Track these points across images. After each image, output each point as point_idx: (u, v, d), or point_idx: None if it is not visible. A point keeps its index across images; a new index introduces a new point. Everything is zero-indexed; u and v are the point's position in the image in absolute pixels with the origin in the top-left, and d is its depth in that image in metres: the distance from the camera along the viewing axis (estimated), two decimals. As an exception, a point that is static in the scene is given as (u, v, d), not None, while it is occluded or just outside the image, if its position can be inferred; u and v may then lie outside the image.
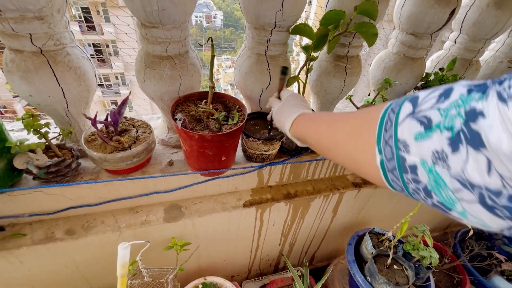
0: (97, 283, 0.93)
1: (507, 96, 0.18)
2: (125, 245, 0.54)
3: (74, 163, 0.71)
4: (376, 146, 0.30)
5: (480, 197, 0.21)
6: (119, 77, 14.06)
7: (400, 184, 0.28)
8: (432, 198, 0.25)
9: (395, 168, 0.28)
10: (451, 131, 0.22)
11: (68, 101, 0.68)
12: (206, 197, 0.92)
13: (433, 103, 0.24)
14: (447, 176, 0.23)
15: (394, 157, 0.27)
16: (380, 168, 0.30)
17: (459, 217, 0.25)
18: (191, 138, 0.66)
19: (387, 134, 0.28)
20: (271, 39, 0.74)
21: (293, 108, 0.56)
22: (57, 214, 0.77)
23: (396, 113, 0.28)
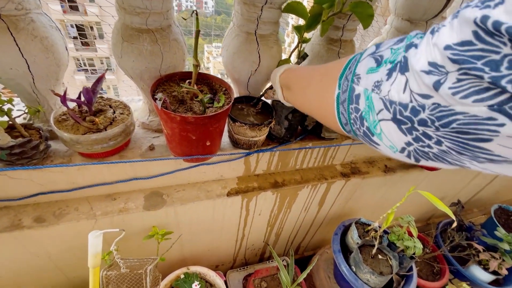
0: (73, 273, 0.88)
1: (436, 29, 0.22)
2: (96, 233, 0.49)
3: (42, 145, 0.64)
4: (338, 81, 0.33)
5: (393, 112, 0.25)
6: (104, 61, 13.51)
7: (346, 116, 0.32)
8: (363, 126, 0.29)
9: (345, 100, 0.31)
10: (392, 64, 0.26)
11: (35, 76, 0.61)
12: (190, 184, 0.88)
13: (390, 45, 0.28)
14: (376, 99, 0.26)
15: (347, 89, 0.31)
16: (335, 100, 0.33)
17: (377, 142, 0.29)
18: (173, 120, 0.61)
19: (349, 70, 0.32)
20: (262, 16, 0.69)
21: (285, 66, 0.64)
22: (25, 200, 0.71)
23: (361, 54, 0.32)
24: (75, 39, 11.64)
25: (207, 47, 21.59)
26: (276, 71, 0.63)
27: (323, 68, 0.42)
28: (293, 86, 0.53)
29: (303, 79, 0.47)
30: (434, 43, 0.21)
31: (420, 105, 0.22)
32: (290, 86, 0.55)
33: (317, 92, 0.40)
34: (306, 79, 0.46)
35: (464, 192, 1.66)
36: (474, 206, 1.92)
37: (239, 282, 1.18)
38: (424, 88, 0.22)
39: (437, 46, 0.20)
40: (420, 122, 0.23)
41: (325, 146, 0.96)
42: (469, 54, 0.18)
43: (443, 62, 0.20)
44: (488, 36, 0.17)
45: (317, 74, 0.42)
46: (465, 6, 0.19)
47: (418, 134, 0.24)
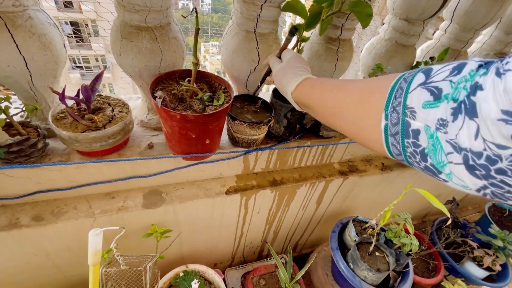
0: (71, 271, 0.88)
1: (502, 71, 0.20)
2: (96, 231, 0.49)
3: (40, 143, 0.64)
4: (383, 112, 0.31)
5: (464, 158, 0.24)
6: (99, 59, 13.36)
7: (399, 148, 0.31)
8: (427, 162, 0.28)
9: (398, 133, 0.30)
10: (456, 102, 0.24)
11: (32, 73, 0.61)
12: (189, 182, 0.88)
13: (446, 75, 0.26)
14: (444, 141, 0.25)
15: (399, 122, 0.29)
16: (383, 132, 0.32)
17: (445, 179, 0.28)
18: (172, 118, 0.61)
19: (396, 101, 0.30)
20: (261, 14, 0.69)
21: (298, 70, 0.55)
22: (23, 198, 0.70)
23: (408, 82, 0.29)
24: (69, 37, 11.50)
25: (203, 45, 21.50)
26: (284, 83, 0.55)
27: (355, 91, 0.39)
28: (316, 108, 0.48)
29: (330, 103, 0.43)
30: (504, 90, 0.19)
31: (496, 155, 0.21)
32: (311, 107, 0.49)
33: (353, 120, 0.38)
34: (334, 103, 0.42)
35: (459, 190, 1.68)
36: (469, 204, 1.95)
37: (238, 280, 1.18)
38: (499, 138, 0.20)
39: (507, 93, 0.19)
40: (498, 171, 0.22)
41: (323, 144, 0.97)
42: None
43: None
44: None
45: (349, 100, 0.39)
46: None
47: (495, 181, 0.23)
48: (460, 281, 1.24)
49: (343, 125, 0.41)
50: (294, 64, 0.57)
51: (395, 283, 1.01)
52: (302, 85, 0.51)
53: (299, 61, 0.58)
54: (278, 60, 0.62)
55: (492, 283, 1.31)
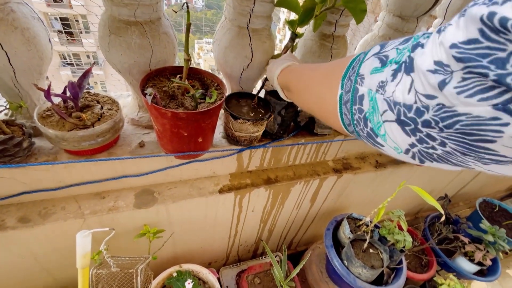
0: (61, 274, 0.86)
1: (443, 28, 0.21)
2: (85, 233, 0.48)
3: (25, 142, 0.62)
4: (340, 81, 0.32)
5: (397, 114, 0.24)
6: (90, 56, 13.11)
7: (348, 117, 0.31)
8: (367, 127, 0.29)
9: (348, 100, 0.31)
10: (397, 64, 0.25)
11: (16, 69, 0.58)
12: (182, 181, 0.86)
13: (396, 45, 0.27)
14: (380, 100, 0.26)
15: (350, 90, 0.30)
16: (338, 101, 0.33)
17: (381, 143, 0.29)
18: (163, 116, 0.59)
19: (352, 70, 0.31)
20: (254, 10, 0.67)
21: (284, 60, 0.60)
22: (8, 199, 0.68)
23: (365, 53, 0.31)
24: (59, 33, 11.24)
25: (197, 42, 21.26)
26: (273, 70, 0.60)
27: (323, 68, 0.41)
28: (293, 88, 0.52)
29: (303, 81, 0.46)
30: (440, 42, 0.21)
31: (424, 106, 0.22)
32: (290, 87, 0.53)
33: (318, 93, 0.39)
34: (306, 80, 0.45)
35: (450, 186, 1.71)
36: (460, 200, 1.98)
37: (232, 279, 1.17)
38: (429, 88, 0.22)
39: (443, 44, 0.20)
40: (424, 123, 0.23)
41: (317, 142, 0.96)
42: (475, 52, 0.18)
43: (449, 61, 0.20)
44: (494, 34, 0.17)
45: (318, 74, 0.41)
46: (473, 4, 0.18)
47: (422, 135, 0.24)
48: (452, 276, 1.26)
49: (309, 100, 0.43)
50: (284, 57, 0.64)
51: (389, 280, 1.02)
52: (286, 70, 0.56)
53: (289, 55, 0.65)
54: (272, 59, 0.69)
55: (483, 277, 1.33)
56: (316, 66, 0.45)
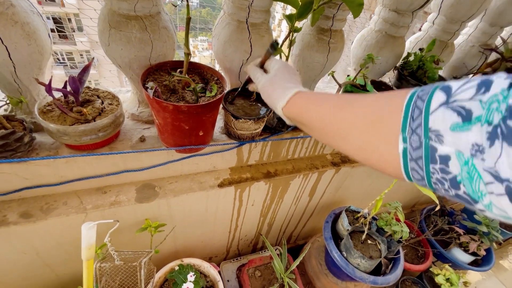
0: (63, 270, 0.86)
1: None
2: (90, 225, 0.48)
3: (26, 137, 0.62)
4: (401, 134, 0.29)
5: (507, 189, 0.22)
6: (84, 55, 12.95)
7: (421, 174, 0.28)
8: (459, 190, 0.26)
9: (420, 158, 0.27)
10: (491, 126, 0.22)
11: (16, 64, 0.58)
12: (182, 176, 0.87)
13: (472, 94, 0.24)
14: (481, 170, 0.23)
15: (421, 147, 0.27)
16: (402, 156, 0.29)
17: (483, 209, 0.25)
18: (165, 109, 0.59)
19: (414, 122, 0.27)
20: (253, 4, 0.68)
21: (287, 83, 0.50)
22: (10, 195, 0.68)
23: (426, 101, 0.27)
24: (52, 31, 11.07)
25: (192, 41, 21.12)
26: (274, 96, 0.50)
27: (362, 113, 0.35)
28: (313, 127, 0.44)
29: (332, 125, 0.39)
30: None
31: None
32: (307, 125, 0.45)
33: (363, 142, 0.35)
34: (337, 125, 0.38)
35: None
36: (455, 193, 2.01)
37: (233, 273, 1.19)
38: None
39: None
40: None
41: (316, 136, 0.97)
42: None
43: None
44: None
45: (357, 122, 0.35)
46: None
47: None
48: (447, 266, 1.29)
49: (349, 148, 0.38)
50: (283, 75, 0.52)
51: (387, 270, 1.04)
52: (294, 100, 0.46)
53: (288, 71, 0.53)
54: (260, 71, 0.56)
55: (477, 267, 1.36)
56: (344, 104, 0.39)
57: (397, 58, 0.99)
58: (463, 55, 1.22)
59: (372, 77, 1.04)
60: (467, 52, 1.21)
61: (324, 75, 0.95)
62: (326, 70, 0.90)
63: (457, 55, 1.23)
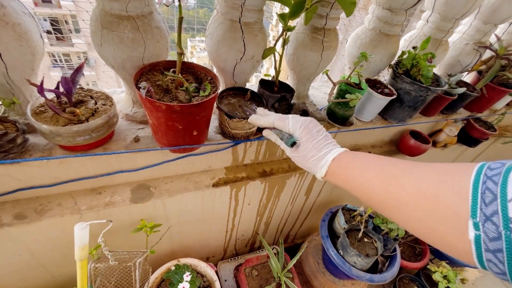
0: (58, 271, 0.86)
1: None
2: (82, 225, 0.48)
3: (19, 138, 0.61)
4: (471, 220, 0.26)
5: None
6: (81, 56, 12.92)
7: (502, 268, 0.25)
8: None
9: (500, 251, 0.24)
10: None
11: (8, 65, 0.58)
12: (178, 176, 0.87)
13: None
14: None
15: (501, 238, 0.24)
16: (474, 244, 0.26)
17: None
18: (158, 109, 0.59)
19: (487, 208, 0.25)
20: (246, 3, 0.68)
21: (319, 151, 0.47)
22: (4, 197, 0.68)
23: (500, 185, 0.24)
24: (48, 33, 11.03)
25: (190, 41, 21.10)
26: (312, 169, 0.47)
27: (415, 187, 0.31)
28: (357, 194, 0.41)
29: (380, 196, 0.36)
30: None
31: None
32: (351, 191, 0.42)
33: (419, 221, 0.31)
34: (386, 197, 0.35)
35: None
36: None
37: (230, 273, 1.19)
38: None
39: None
40: None
41: (311, 134, 0.98)
42: None
43: None
44: None
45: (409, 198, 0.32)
46: None
47: None
48: (444, 264, 1.30)
49: (400, 222, 0.34)
50: (311, 143, 0.48)
51: (383, 268, 1.04)
52: (331, 171, 0.44)
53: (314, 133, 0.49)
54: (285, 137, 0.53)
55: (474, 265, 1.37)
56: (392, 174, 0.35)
57: (392, 56, 1.00)
58: (457, 53, 1.22)
59: (366, 76, 1.04)
60: (462, 50, 1.21)
61: (319, 74, 0.95)
62: (320, 69, 0.91)
63: (452, 53, 1.23)
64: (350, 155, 0.44)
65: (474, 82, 1.27)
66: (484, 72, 1.22)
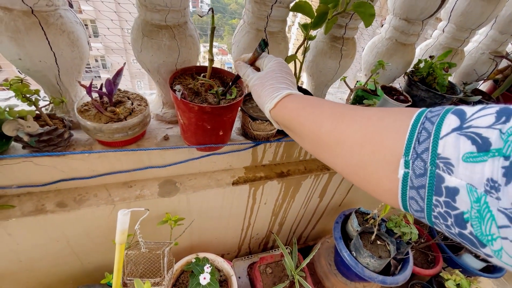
0: (88, 259, 0.92)
1: None
2: (125, 211, 0.54)
3: (66, 133, 0.69)
4: (403, 158, 0.26)
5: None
6: (99, 59, 13.39)
7: (421, 205, 0.25)
8: (464, 229, 0.22)
9: (423, 187, 0.24)
10: (508, 160, 0.19)
11: (60, 68, 0.66)
12: (201, 173, 0.92)
13: (491, 122, 0.21)
14: (496, 210, 0.20)
15: (426, 174, 0.24)
16: (401, 182, 0.26)
17: (489, 254, 0.22)
18: (191, 110, 0.65)
19: (420, 146, 0.25)
20: (271, 14, 0.74)
21: (278, 83, 0.46)
22: (47, 186, 0.75)
23: (436, 124, 0.24)
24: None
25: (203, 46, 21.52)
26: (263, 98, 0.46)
27: (360, 127, 0.32)
28: (301, 134, 0.41)
29: (323, 135, 0.36)
30: None
31: None
32: (295, 131, 0.42)
33: (356, 162, 0.31)
34: (329, 136, 0.35)
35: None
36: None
37: (244, 270, 1.23)
38: None
39: None
40: None
41: (327, 138, 1.02)
42: None
43: None
44: None
45: (353, 136, 0.32)
46: None
47: None
48: (458, 272, 1.29)
49: (340, 164, 0.34)
50: (275, 74, 0.47)
51: (396, 271, 1.06)
52: (285, 103, 0.43)
53: (282, 69, 0.48)
54: (251, 68, 0.53)
55: (489, 274, 1.35)
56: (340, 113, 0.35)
57: (407, 64, 1.03)
58: (473, 62, 1.24)
59: (382, 83, 1.08)
60: (477, 59, 1.23)
61: (336, 80, 0.99)
62: (338, 76, 0.95)
63: (467, 61, 1.25)
64: (304, 96, 0.44)
65: (490, 91, 1.28)
66: (500, 81, 1.24)
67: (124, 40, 8.50)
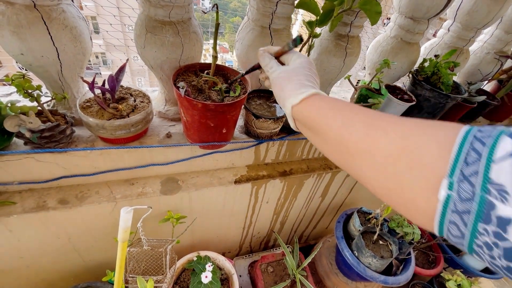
0: (89, 256, 0.92)
1: None
2: (128, 209, 0.53)
3: (68, 130, 0.68)
4: (447, 179, 0.24)
5: None
6: (99, 56, 13.36)
7: (463, 231, 0.23)
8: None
9: (467, 212, 0.23)
10: None
11: (63, 64, 0.65)
12: (203, 171, 0.92)
13: None
14: None
15: (473, 199, 0.22)
16: (442, 204, 0.24)
17: None
18: (194, 107, 0.65)
19: (469, 168, 0.23)
20: (276, 11, 0.73)
21: (306, 80, 0.44)
22: (49, 183, 0.74)
23: (490, 147, 0.22)
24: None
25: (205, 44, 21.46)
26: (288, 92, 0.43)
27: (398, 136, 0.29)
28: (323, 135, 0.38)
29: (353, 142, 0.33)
30: None
31: None
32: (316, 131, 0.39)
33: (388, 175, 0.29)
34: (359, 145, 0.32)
35: None
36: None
37: (245, 269, 1.23)
38: None
39: None
40: None
41: (330, 137, 1.01)
42: None
43: None
44: None
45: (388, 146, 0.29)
46: None
47: None
48: (459, 272, 1.29)
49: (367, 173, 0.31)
50: (304, 71, 0.45)
51: (398, 271, 1.05)
52: (311, 100, 0.40)
53: (310, 68, 0.47)
54: (275, 61, 0.50)
55: (490, 274, 1.35)
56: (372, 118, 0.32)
57: (412, 63, 1.02)
58: (478, 61, 1.23)
59: (386, 82, 1.07)
60: (482, 58, 1.22)
61: (340, 79, 0.99)
62: (342, 74, 0.94)
63: (472, 61, 1.24)
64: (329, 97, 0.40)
65: (494, 91, 1.27)
66: (505, 81, 1.23)
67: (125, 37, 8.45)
